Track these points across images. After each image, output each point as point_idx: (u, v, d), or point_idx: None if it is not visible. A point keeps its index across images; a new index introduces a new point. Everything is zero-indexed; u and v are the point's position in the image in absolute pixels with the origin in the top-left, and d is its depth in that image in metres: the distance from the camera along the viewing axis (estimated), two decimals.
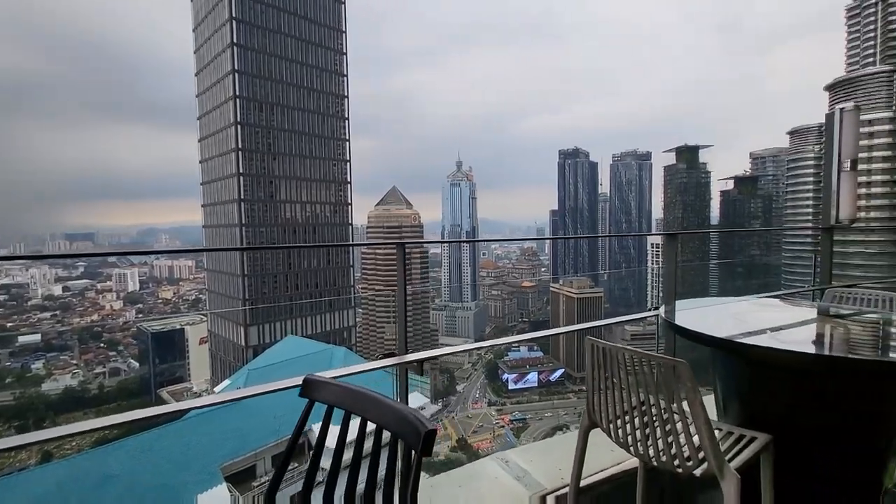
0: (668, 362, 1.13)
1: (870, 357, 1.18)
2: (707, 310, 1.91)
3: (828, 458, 1.38)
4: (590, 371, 1.36)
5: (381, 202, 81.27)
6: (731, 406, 1.55)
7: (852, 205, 2.43)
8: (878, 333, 1.47)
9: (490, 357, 64.69)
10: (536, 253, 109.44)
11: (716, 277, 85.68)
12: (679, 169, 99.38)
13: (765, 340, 1.38)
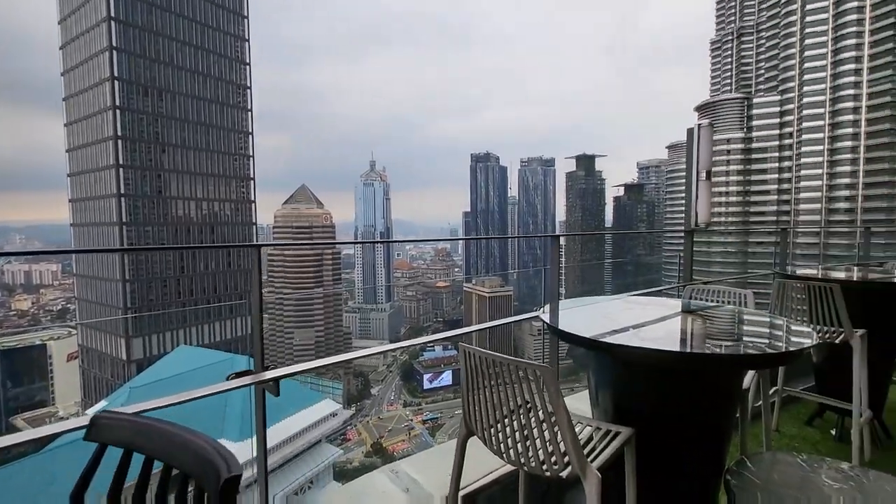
0: (533, 367, 1.11)
1: (714, 352, 1.28)
2: (585, 309, 1.99)
3: (679, 446, 1.48)
4: (464, 378, 1.31)
5: (290, 201, 77.12)
6: (602, 402, 1.61)
7: (708, 210, 2.75)
8: (726, 328, 1.62)
9: (405, 358, 64.60)
10: (450, 253, 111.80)
11: (609, 275, 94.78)
12: (578, 175, 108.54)
13: (625, 338, 1.45)
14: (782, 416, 3.06)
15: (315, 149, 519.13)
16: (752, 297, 2.19)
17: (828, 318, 2.40)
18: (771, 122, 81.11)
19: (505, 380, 1.18)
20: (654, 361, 1.30)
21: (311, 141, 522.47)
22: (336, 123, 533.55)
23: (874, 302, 2.66)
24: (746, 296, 2.21)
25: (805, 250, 63.34)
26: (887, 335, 2.68)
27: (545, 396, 1.11)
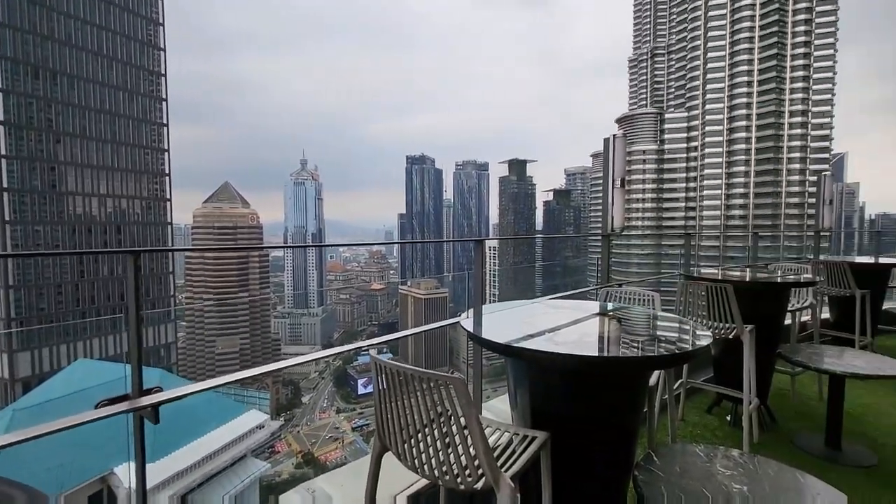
0: (445, 380, 1.07)
1: (624, 355, 1.32)
2: (506, 314, 2.00)
3: (592, 446, 1.52)
4: (376, 392, 1.24)
5: (211, 199, 71.92)
6: (520, 405, 1.61)
7: (622, 216, 2.92)
8: (636, 330, 1.69)
9: (338, 363, 62.74)
10: (385, 256, 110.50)
11: (540, 276, 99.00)
12: (511, 180, 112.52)
13: (540, 343, 1.46)
14: (687, 406, 3.31)
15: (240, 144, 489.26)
16: (659, 298, 2.35)
17: (723, 316, 2.63)
18: (679, 136, 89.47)
19: (418, 392, 1.13)
20: (566, 366, 1.32)
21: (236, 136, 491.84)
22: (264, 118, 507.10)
23: (760, 300, 2.96)
24: (654, 297, 2.36)
25: (708, 252, 70.42)
26: (771, 329, 3.00)
27: (458, 409, 1.08)
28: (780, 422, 3.09)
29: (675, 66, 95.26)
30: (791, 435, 2.90)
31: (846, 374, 2.48)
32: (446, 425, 1.13)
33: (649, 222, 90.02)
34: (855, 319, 4.09)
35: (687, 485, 1.43)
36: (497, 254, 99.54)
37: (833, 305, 4.61)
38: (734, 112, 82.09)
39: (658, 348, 1.48)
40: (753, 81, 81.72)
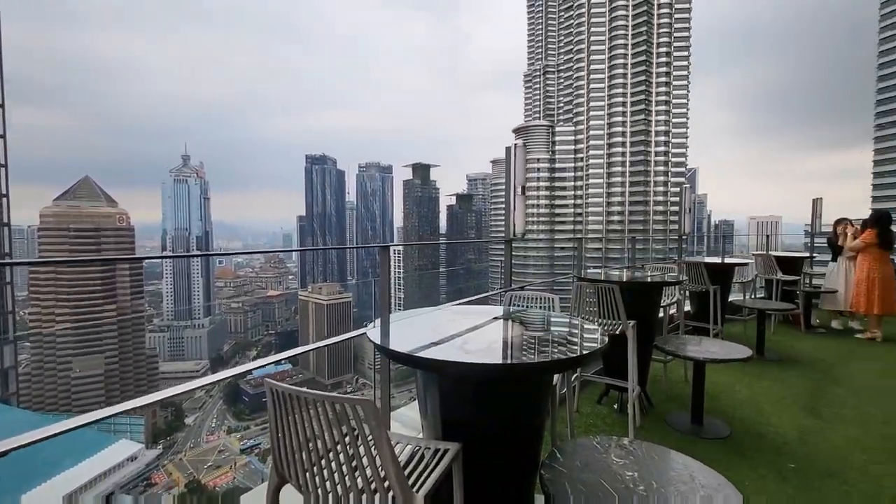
0: (351, 402, 0.98)
1: (532, 360, 1.34)
2: (414, 322, 1.95)
3: (502, 452, 1.53)
4: (273, 420, 1.10)
5: (66, 196, 61.22)
6: (431, 417, 1.57)
7: (523, 221, 3.07)
8: (540, 333, 1.75)
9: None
10: (283, 260, 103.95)
11: (445, 280, 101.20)
12: (415, 183, 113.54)
13: (452, 353, 1.44)
14: (580, 398, 3.57)
15: (106, 135, 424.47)
16: (558, 300, 2.49)
17: (611, 313, 2.88)
18: (568, 148, 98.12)
19: (321, 416, 1.02)
20: (479, 375, 1.31)
21: (100, 124, 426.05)
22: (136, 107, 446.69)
23: (640, 298, 3.31)
24: (553, 299, 2.50)
25: (593, 254, 77.95)
26: (648, 324, 3.36)
27: (367, 432, 0.99)
28: (656, 405, 3.48)
29: (563, 84, 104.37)
30: (664, 415, 3.27)
31: (706, 360, 2.87)
32: (353, 448, 1.04)
33: (543, 227, 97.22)
34: (709, 311, 4.79)
35: (588, 478, 1.50)
36: (402, 257, 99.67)
37: (693, 299, 5.35)
38: (612, 129, 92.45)
39: (561, 351, 1.54)
40: (627, 102, 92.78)
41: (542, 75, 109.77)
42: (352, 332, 2.10)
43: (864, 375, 4.23)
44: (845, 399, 3.63)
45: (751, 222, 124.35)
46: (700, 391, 3.09)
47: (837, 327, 6.05)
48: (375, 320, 1.90)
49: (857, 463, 2.64)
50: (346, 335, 2.12)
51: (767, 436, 2.98)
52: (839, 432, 3.03)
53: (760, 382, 3.98)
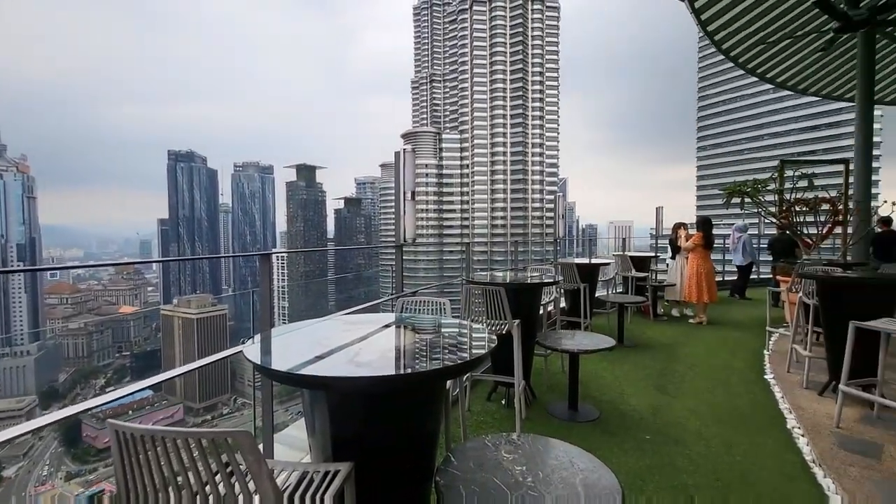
0: (220, 435, 0.85)
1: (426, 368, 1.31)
2: (299, 336, 1.81)
3: (397, 464, 1.49)
4: (118, 468, 0.91)
5: None
6: (320, 436, 1.46)
7: (413, 226, 3.07)
8: (433, 339, 1.73)
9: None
10: (140, 270, 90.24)
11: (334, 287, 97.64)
12: (300, 186, 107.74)
13: (342, 367, 1.35)
14: (471, 397, 3.69)
15: None
16: (449, 303, 2.53)
17: (498, 313, 3.02)
18: (454, 155, 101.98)
19: (183, 456, 0.86)
20: (370, 389, 1.24)
21: None
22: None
23: (523, 298, 3.54)
24: (444, 303, 2.53)
25: (480, 257, 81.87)
26: (531, 322, 3.60)
27: (243, 469, 0.87)
28: (539, 396, 3.74)
29: (449, 93, 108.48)
30: (546, 405, 3.54)
31: (580, 352, 3.17)
32: (226, 487, 0.90)
33: (433, 231, 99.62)
34: (580, 306, 5.33)
35: (481, 478, 1.53)
36: (286, 264, 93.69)
37: (567, 296, 5.91)
38: (495, 139, 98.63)
39: (454, 356, 1.55)
40: (507, 115, 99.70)
41: (429, 83, 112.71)
42: (227, 351, 1.87)
43: (696, 354, 5.09)
44: (684, 375, 4.32)
45: (610, 226, 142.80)
46: (575, 380, 3.40)
47: (676, 315, 7.20)
48: (254, 336, 1.72)
49: (694, 428, 3.14)
50: (219, 354, 1.88)
51: (628, 414, 3.39)
52: (681, 404, 3.58)
53: (622, 367, 4.54)
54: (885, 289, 3.44)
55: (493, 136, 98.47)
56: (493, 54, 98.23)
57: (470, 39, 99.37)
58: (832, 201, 7.27)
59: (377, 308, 2.91)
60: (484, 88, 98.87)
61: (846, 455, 2.74)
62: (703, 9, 6.46)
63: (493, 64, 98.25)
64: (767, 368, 4.51)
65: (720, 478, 2.54)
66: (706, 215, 6.93)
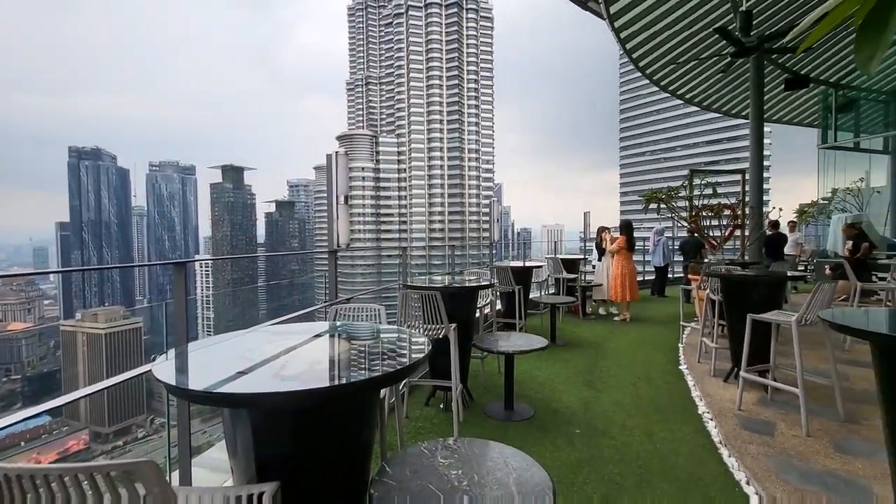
0: (120, 468, 0.76)
1: (358, 379, 1.27)
2: (221, 349, 1.68)
3: (329, 479, 1.42)
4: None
5: None
6: (242, 457, 1.36)
7: (347, 231, 2.98)
8: (366, 348, 1.68)
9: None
10: (34, 281, 79.86)
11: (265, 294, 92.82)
12: (226, 188, 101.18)
13: (266, 383, 1.27)
14: (409, 403, 3.66)
15: None
16: (384, 310, 2.49)
17: (435, 318, 3.02)
18: (391, 158, 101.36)
19: (73, 497, 0.75)
20: (296, 403, 1.18)
21: None
22: None
23: (459, 302, 3.57)
24: (379, 310, 2.49)
25: (418, 261, 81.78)
26: (467, 325, 3.65)
27: (149, 501, 0.78)
28: (476, 398, 3.79)
29: (385, 95, 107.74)
30: (483, 406, 3.59)
31: (514, 353, 3.26)
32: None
33: (370, 235, 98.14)
34: (515, 308, 5.49)
35: (417, 486, 1.51)
36: (211, 272, 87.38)
37: (502, 299, 6.06)
38: (431, 144, 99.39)
39: (389, 364, 1.51)
40: (444, 120, 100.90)
41: (365, 85, 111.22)
42: (138, 369, 1.69)
43: (621, 350, 5.43)
44: (610, 369, 4.59)
45: (543, 230, 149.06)
46: (511, 380, 3.49)
47: (603, 313, 7.66)
48: (168, 352, 1.57)
49: (619, 420, 3.34)
50: (129, 373, 1.69)
51: (560, 410, 3.54)
52: (608, 398, 3.80)
53: (555, 365, 4.73)
54: (775, 285, 3.89)
55: (430, 140, 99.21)
56: (429, 59, 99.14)
57: (406, 44, 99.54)
58: (732, 207, 8.12)
59: (311, 317, 2.79)
60: (421, 93, 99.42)
61: (747, 434, 3.05)
62: (622, 28, 6.98)
63: (430, 69, 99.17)
64: (682, 360, 4.92)
65: (643, 465, 2.71)
66: (628, 219, 7.44)
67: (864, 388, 3.84)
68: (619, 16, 6.56)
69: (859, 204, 11.20)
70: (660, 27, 7.20)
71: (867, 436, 2.98)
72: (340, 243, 2.93)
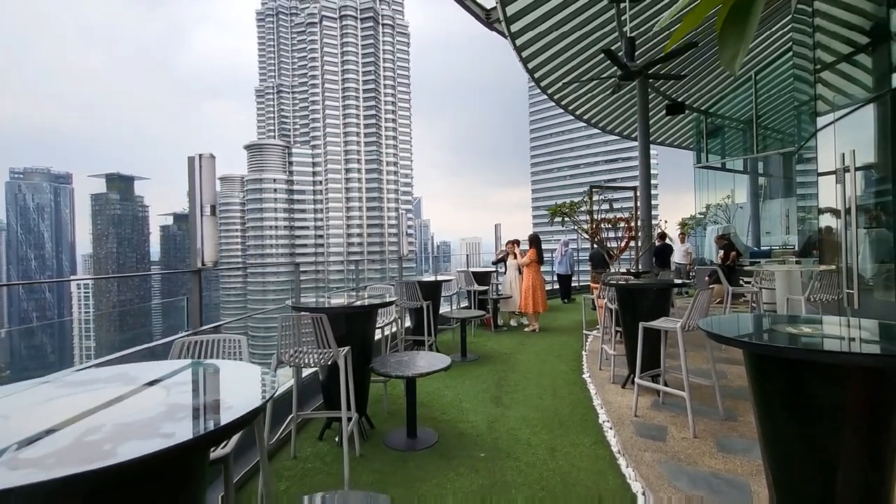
0: None
1: (161, 448, 0.92)
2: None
3: None
4: None
5: None
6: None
7: (215, 247, 2.55)
8: (189, 399, 1.32)
9: None
10: None
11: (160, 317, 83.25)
12: (111, 199, 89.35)
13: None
14: (300, 439, 3.25)
15: None
16: (246, 341, 2.12)
17: (323, 342, 2.69)
18: (306, 170, 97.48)
19: None
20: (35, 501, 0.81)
21: None
22: None
23: (354, 322, 3.27)
24: (240, 341, 2.11)
25: (337, 276, 79.02)
26: (364, 347, 3.35)
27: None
28: (377, 426, 3.49)
29: (299, 105, 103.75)
30: (384, 435, 3.30)
31: (415, 376, 3.03)
32: None
33: (283, 250, 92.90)
34: (424, 324, 5.29)
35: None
36: (92, 293, 76.18)
37: (412, 315, 5.83)
38: (349, 156, 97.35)
39: (206, 421, 1.16)
40: (361, 133, 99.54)
41: (277, 93, 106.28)
42: None
43: (529, 361, 5.46)
44: (518, 383, 4.55)
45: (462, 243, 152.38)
46: (413, 405, 3.24)
47: (514, 324, 7.76)
48: None
49: (524, 438, 3.25)
50: None
51: (466, 432, 3.37)
52: (514, 414, 3.71)
53: (464, 383, 4.58)
54: (662, 292, 4.11)
55: (347, 153, 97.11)
56: (345, 71, 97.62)
57: (320, 54, 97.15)
58: (627, 220, 8.76)
59: (153, 354, 2.27)
60: (336, 104, 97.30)
61: (642, 442, 3.11)
62: (523, 47, 7.26)
63: (346, 80, 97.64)
64: (585, 368, 5.05)
65: (545, 485, 2.61)
66: (536, 233, 7.65)
67: (738, 384, 4.18)
68: (520, 35, 6.80)
69: (727, 217, 12.81)
70: (558, 49, 7.62)
71: (743, 432, 3.18)
72: (206, 261, 2.50)
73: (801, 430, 1.72)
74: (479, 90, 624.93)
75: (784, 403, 1.75)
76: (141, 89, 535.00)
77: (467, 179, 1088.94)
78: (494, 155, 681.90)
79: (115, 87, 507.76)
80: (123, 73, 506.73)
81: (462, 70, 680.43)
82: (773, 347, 1.77)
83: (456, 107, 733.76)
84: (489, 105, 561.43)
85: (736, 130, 12.12)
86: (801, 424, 1.71)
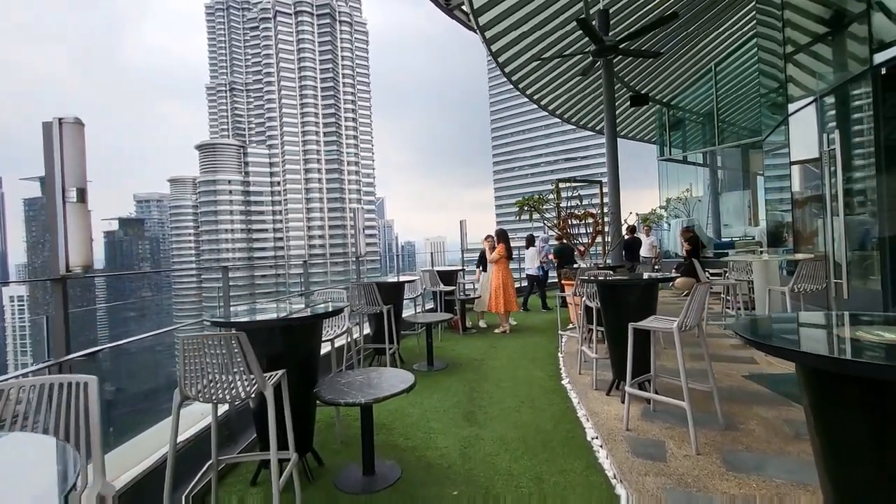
0: None
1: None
2: None
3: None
4: None
5: None
6: None
7: (86, 244, 1.84)
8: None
9: None
10: None
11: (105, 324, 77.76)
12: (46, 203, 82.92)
13: None
14: (229, 483, 2.61)
15: None
16: (96, 383, 1.47)
17: (244, 368, 2.06)
18: (263, 170, 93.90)
19: None
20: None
21: None
22: None
23: (293, 338, 2.63)
24: (88, 384, 1.45)
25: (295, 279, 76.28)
26: (306, 367, 2.72)
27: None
28: (327, 460, 2.88)
29: (254, 104, 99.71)
30: (335, 475, 2.70)
31: (371, 402, 2.44)
32: None
33: (241, 254, 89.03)
34: (384, 331, 4.69)
35: None
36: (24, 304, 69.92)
37: (371, 321, 5.22)
38: (308, 156, 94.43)
39: None
40: (320, 132, 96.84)
41: (229, 91, 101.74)
42: None
43: (502, 367, 4.97)
44: (492, 394, 4.04)
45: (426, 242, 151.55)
46: (369, 436, 2.66)
47: (483, 326, 7.27)
48: None
49: (503, 466, 2.73)
50: None
51: (435, 463, 2.81)
52: (490, 434, 3.19)
53: (431, 397, 4.02)
54: (650, 288, 3.71)
55: (306, 152, 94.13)
56: (301, 69, 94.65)
57: (275, 51, 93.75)
58: (594, 215, 8.45)
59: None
60: (293, 102, 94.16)
61: (640, 463, 2.66)
62: (487, 27, 6.78)
63: (303, 78, 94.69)
64: (563, 372, 4.61)
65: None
66: (503, 228, 7.20)
67: (729, 385, 3.85)
68: (483, 11, 6.31)
69: (687, 210, 12.88)
70: (524, 30, 7.19)
71: (749, 444, 2.79)
72: (72, 264, 1.81)
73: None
74: (441, 90, 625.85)
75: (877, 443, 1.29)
76: (81, 87, 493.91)
77: (431, 180, 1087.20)
78: (458, 155, 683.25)
79: (51, 85, 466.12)
80: (61, 70, 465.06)
81: (423, 70, 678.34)
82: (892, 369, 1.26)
83: (419, 107, 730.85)
84: (451, 106, 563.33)
85: (696, 123, 12.19)
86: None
